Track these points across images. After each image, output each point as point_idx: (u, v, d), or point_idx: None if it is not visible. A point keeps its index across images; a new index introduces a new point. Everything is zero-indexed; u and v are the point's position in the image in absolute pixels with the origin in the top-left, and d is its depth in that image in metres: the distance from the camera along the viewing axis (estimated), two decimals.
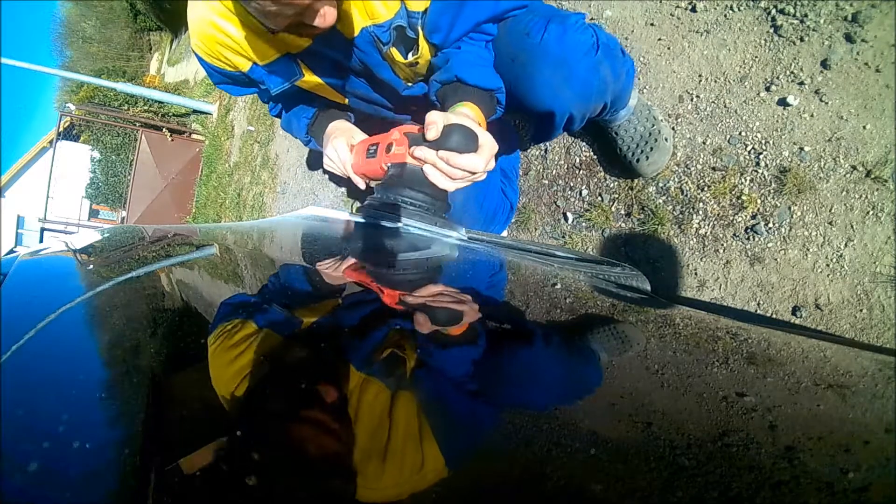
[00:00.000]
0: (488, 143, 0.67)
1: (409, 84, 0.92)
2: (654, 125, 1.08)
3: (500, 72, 0.82)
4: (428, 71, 0.88)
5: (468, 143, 0.65)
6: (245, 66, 0.83)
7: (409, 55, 0.82)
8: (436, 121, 0.65)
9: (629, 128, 1.09)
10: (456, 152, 0.65)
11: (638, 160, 1.11)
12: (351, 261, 0.65)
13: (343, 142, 0.85)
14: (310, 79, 0.89)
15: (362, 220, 0.77)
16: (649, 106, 1.10)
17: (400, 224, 0.69)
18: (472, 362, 0.34)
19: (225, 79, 0.91)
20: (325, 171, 0.95)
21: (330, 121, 0.98)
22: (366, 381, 0.30)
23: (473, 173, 0.67)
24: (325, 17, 0.65)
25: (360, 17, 0.75)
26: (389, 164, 0.71)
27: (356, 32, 0.78)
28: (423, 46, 0.81)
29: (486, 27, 0.80)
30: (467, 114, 0.73)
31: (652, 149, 1.09)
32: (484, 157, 0.66)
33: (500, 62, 0.82)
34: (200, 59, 0.87)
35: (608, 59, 0.79)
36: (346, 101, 1.00)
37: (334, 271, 0.57)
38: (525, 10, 0.81)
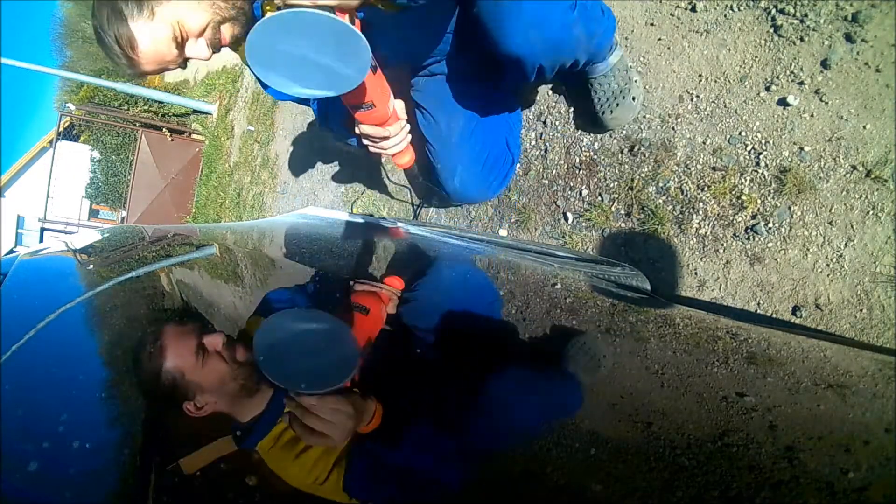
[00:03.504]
0: None
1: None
2: (626, 84, 1.14)
3: (480, 13, 0.87)
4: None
5: None
6: None
7: None
8: None
9: (604, 82, 1.15)
10: None
11: (603, 113, 1.17)
12: (340, 262, 0.65)
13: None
14: None
15: (361, 221, 0.77)
16: (630, 67, 1.15)
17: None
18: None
19: None
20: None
21: None
22: None
23: None
24: (198, 52, 0.80)
25: None
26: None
27: None
28: None
29: None
30: None
31: (618, 105, 1.15)
32: None
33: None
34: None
35: (584, 18, 0.87)
36: None
37: (323, 270, 0.57)
38: None
